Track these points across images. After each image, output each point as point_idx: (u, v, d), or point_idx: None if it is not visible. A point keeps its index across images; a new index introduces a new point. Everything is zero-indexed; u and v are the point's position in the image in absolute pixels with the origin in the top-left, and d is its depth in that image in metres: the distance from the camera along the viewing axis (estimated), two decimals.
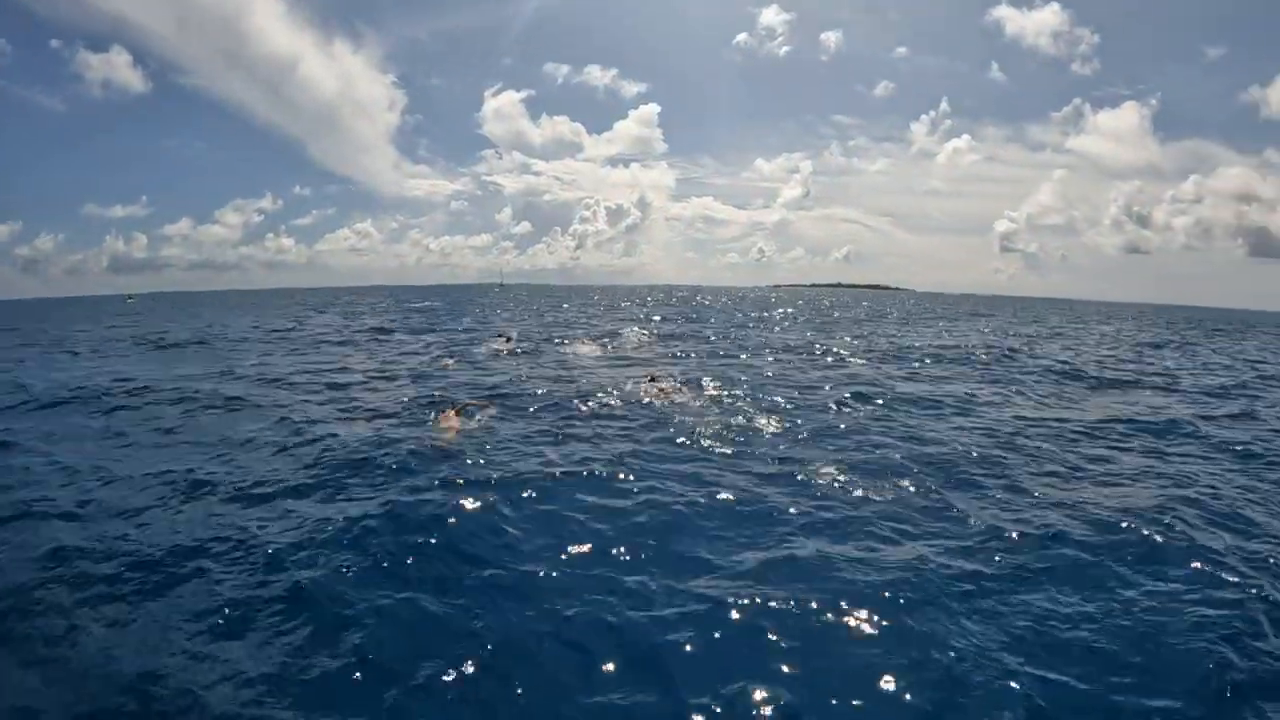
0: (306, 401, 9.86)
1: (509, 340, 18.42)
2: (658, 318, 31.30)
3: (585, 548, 4.67)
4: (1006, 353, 17.97)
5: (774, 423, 8.32)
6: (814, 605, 3.93)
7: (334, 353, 16.43)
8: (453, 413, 8.25)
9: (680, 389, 10.12)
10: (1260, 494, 6.36)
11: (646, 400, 9.34)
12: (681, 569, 4.38)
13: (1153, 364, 17.50)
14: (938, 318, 39.69)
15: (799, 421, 8.43)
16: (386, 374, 12.50)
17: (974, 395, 11.01)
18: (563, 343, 18.53)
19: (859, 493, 5.86)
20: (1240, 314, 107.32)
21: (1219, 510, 5.76)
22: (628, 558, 4.54)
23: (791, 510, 5.38)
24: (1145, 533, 5.08)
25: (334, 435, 7.59)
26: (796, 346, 18.67)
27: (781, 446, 7.29)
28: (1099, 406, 10.53)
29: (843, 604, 3.97)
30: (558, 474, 6.05)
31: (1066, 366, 15.42)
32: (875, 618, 3.85)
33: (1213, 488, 6.43)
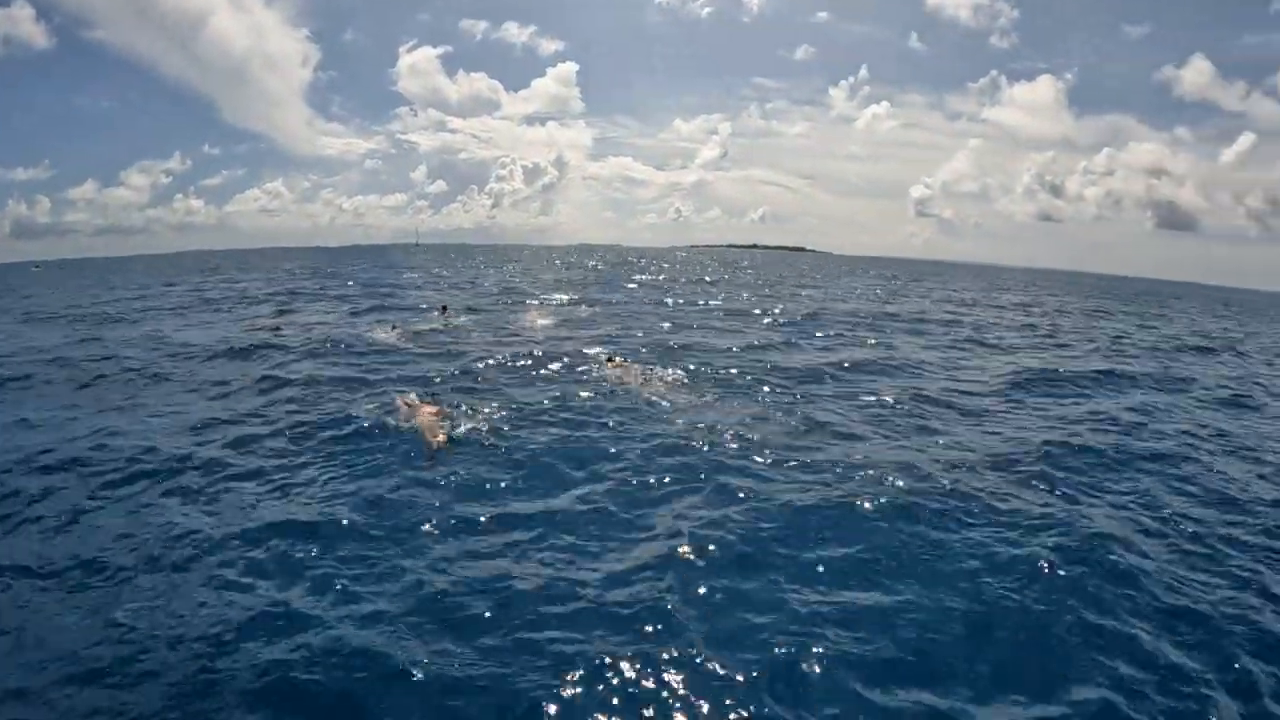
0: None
1: (445, 311, 17.93)
2: (593, 283, 31.29)
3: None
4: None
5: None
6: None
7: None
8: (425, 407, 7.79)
9: (635, 368, 10.22)
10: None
11: (611, 381, 9.42)
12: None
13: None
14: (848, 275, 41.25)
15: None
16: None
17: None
18: (513, 312, 18.49)
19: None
20: (1145, 282, 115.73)
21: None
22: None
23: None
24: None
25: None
26: (736, 311, 19.17)
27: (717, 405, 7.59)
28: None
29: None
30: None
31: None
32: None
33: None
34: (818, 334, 15.77)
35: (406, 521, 5.10)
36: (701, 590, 4.23)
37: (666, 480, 5.91)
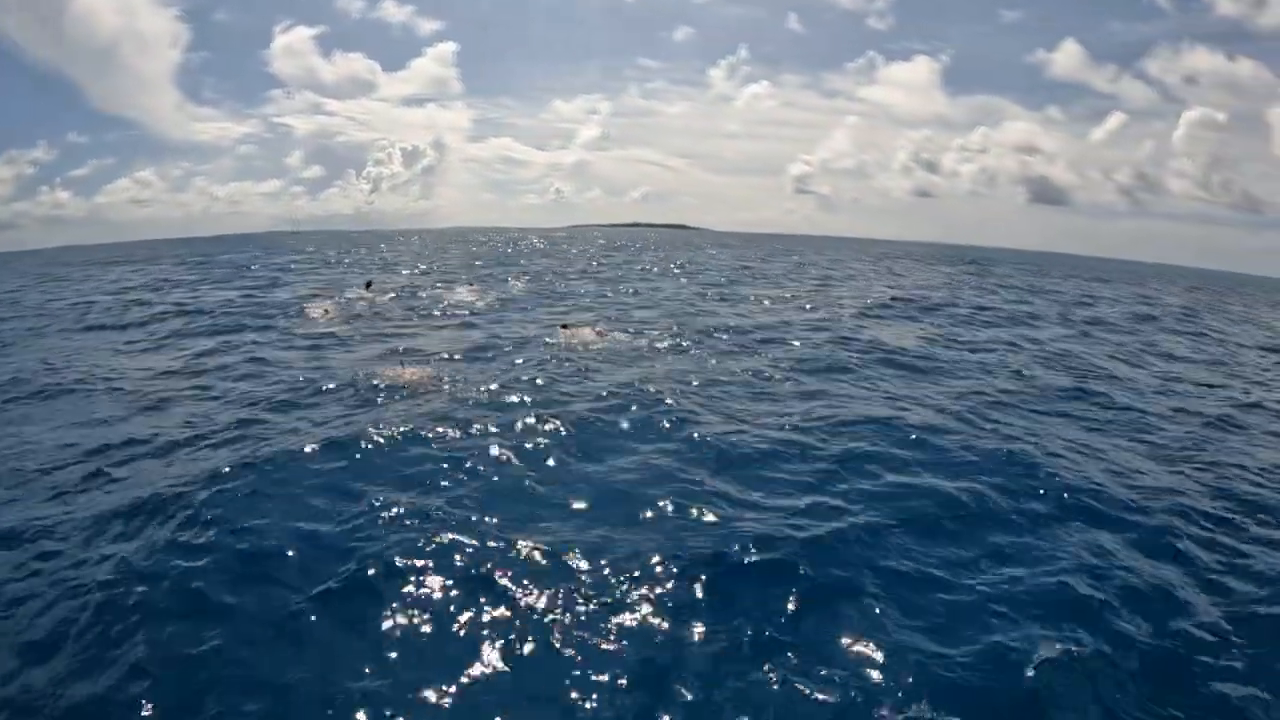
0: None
1: (369, 286, 17.99)
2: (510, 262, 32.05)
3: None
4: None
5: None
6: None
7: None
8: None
9: (585, 330, 11.67)
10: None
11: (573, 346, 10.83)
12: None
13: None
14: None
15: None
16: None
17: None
18: (441, 289, 19.07)
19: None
20: (1017, 253, 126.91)
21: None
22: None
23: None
24: None
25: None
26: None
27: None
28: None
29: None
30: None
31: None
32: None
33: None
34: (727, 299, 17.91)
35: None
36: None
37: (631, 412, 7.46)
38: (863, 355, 10.82)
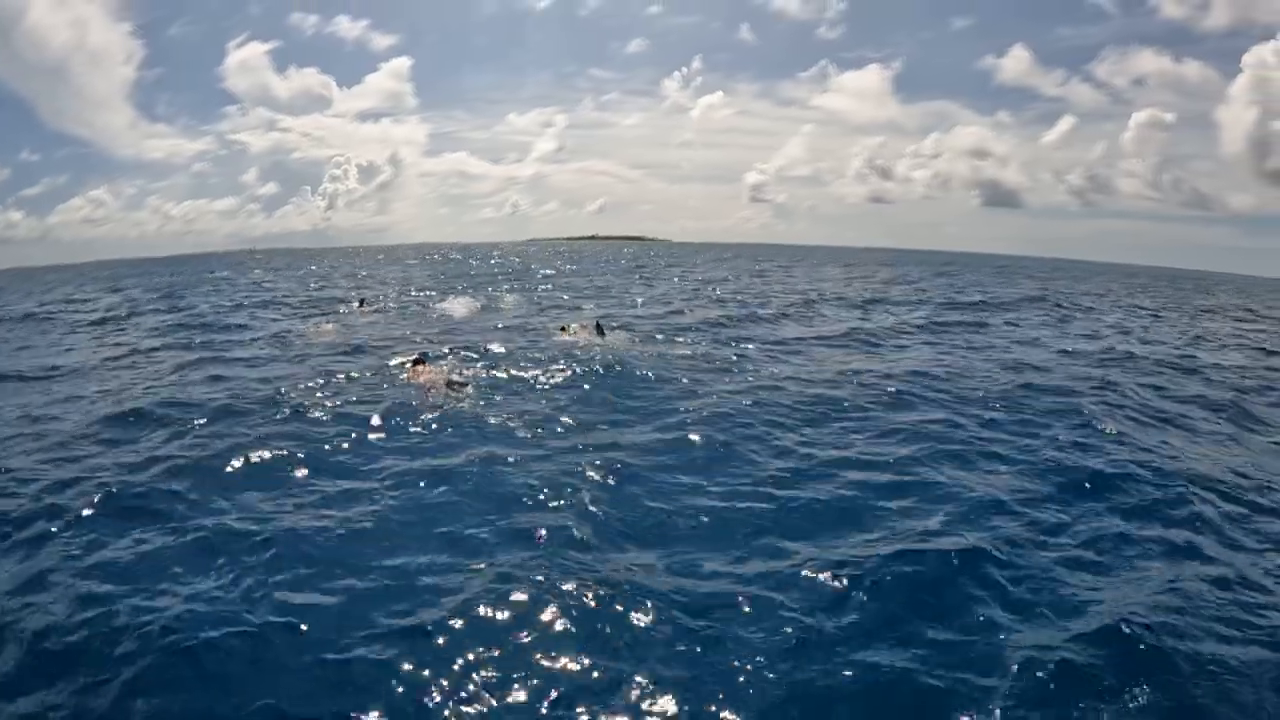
0: None
1: (362, 305, 19.37)
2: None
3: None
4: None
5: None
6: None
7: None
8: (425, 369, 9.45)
9: (582, 331, 12.99)
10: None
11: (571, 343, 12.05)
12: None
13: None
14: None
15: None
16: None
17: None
18: (431, 303, 20.24)
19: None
20: (971, 256, 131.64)
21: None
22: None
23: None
24: None
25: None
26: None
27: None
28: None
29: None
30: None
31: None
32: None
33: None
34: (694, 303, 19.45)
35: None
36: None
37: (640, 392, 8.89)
38: None
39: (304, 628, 3.94)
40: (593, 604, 4.14)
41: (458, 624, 3.94)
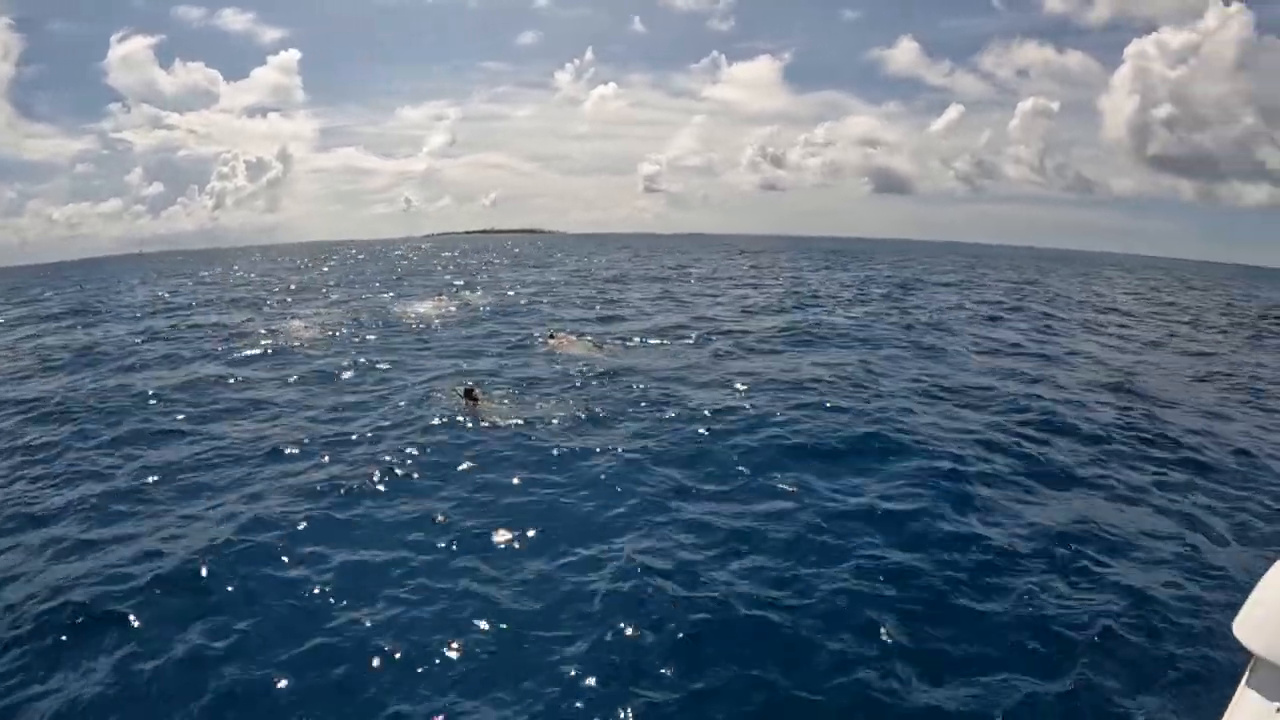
0: None
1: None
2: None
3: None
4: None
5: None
6: None
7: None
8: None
9: (568, 338, 14.26)
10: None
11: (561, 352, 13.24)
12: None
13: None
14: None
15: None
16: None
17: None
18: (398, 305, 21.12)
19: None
20: (864, 241, 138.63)
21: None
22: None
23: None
24: None
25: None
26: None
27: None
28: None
29: None
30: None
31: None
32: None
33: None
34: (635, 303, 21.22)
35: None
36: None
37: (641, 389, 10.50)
38: None
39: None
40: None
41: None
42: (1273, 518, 6.53)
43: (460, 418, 8.90)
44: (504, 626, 4.60)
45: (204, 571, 5.31)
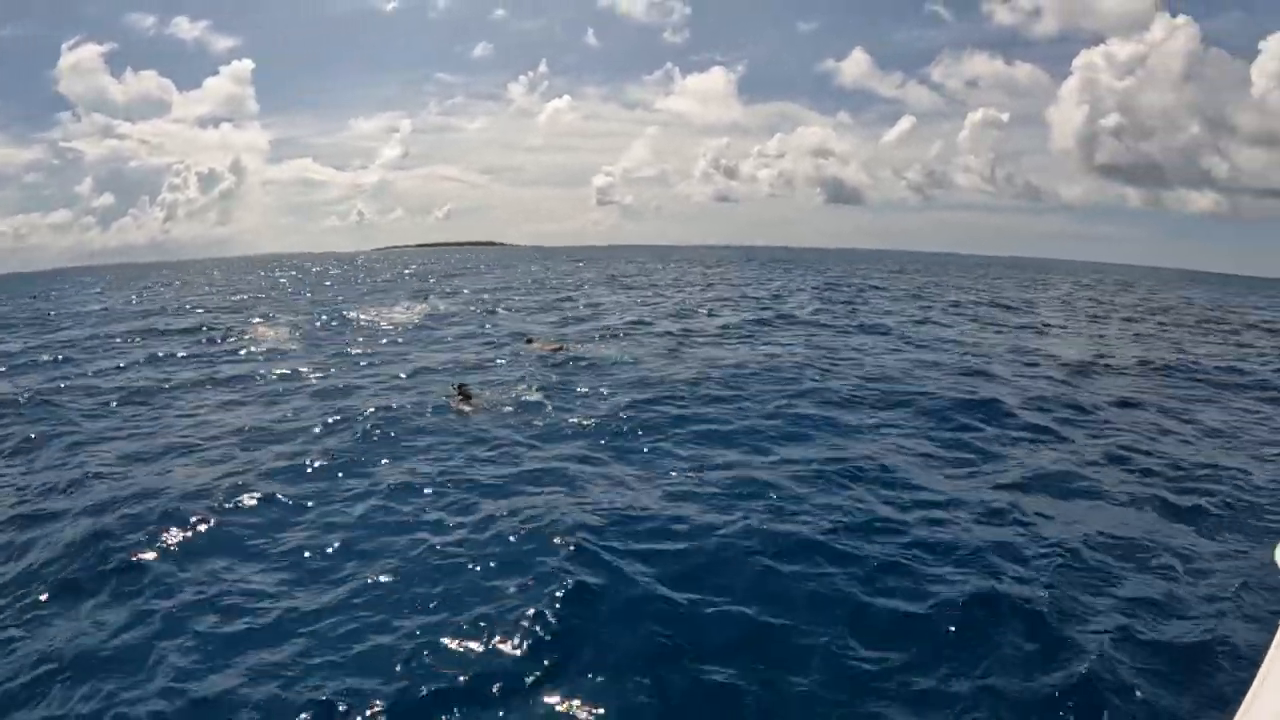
0: None
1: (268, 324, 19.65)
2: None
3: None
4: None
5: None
6: None
7: None
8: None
9: (551, 344, 15.41)
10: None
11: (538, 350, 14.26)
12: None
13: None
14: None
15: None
16: None
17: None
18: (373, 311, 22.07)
19: None
20: (816, 251, 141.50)
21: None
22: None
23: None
24: None
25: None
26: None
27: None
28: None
29: None
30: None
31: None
32: None
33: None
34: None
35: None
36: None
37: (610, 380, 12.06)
38: None
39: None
40: None
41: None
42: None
43: (451, 414, 9.51)
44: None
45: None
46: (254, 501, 6.48)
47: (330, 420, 9.18)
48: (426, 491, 6.71)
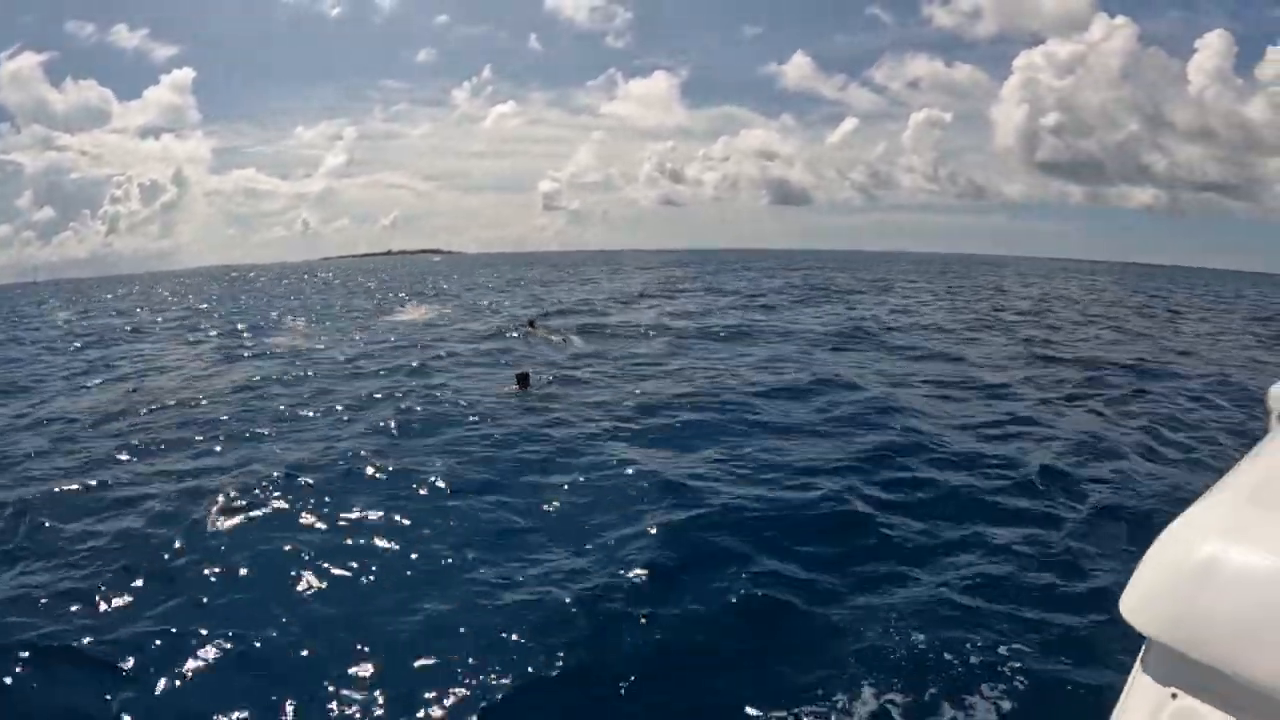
0: None
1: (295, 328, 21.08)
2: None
3: None
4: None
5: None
6: None
7: None
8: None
9: (549, 328, 17.78)
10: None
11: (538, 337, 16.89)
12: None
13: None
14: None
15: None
16: None
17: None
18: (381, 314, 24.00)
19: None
20: (761, 252, 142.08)
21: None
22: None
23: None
24: None
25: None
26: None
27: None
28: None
29: None
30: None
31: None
32: None
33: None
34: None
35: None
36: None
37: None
38: None
39: None
40: None
41: None
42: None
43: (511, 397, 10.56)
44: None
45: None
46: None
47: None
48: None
